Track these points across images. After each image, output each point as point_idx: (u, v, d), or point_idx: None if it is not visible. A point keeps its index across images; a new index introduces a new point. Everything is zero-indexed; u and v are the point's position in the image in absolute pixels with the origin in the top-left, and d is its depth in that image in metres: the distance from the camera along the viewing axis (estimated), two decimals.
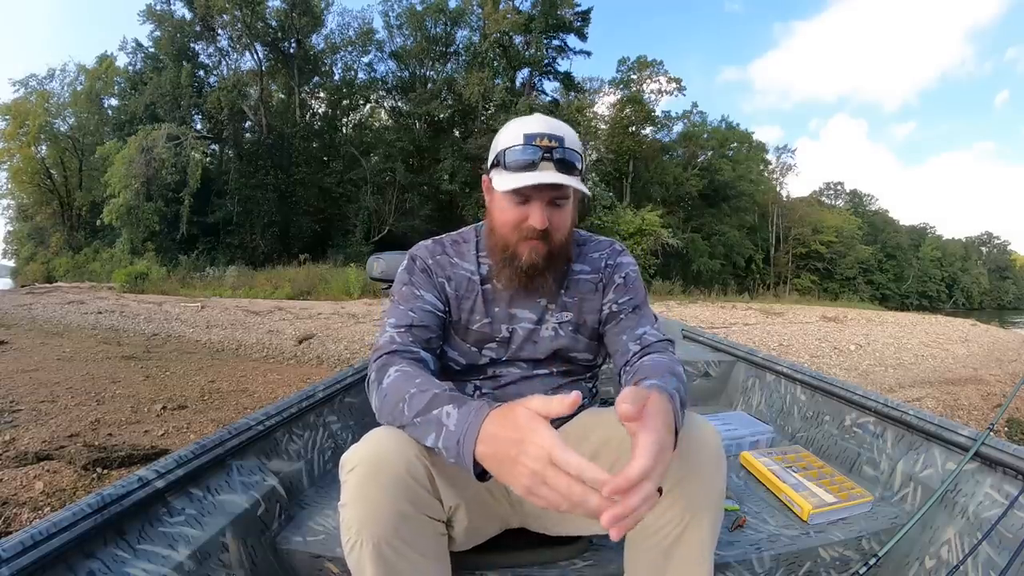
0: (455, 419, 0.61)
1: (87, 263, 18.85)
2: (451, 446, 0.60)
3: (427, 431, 0.64)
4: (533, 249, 0.85)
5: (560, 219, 0.86)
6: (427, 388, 0.69)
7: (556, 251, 0.87)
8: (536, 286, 0.89)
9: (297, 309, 9.09)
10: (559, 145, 0.81)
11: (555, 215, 0.84)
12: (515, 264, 0.86)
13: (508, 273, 0.88)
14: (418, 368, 0.78)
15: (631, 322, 0.90)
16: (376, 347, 0.84)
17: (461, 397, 0.66)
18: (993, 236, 51.15)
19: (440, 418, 0.63)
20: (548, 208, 0.83)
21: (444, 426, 0.62)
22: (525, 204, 0.83)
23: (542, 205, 0.82)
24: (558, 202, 0.84)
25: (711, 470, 0.72)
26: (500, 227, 0.87)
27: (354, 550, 0.67)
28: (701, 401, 1.92)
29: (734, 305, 14.16)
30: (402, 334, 0.84)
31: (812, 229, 29.89)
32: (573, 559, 0.95)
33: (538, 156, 0.80)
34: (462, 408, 0.62)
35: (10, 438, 2.51)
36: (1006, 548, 0.87)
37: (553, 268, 0.89)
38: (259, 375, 4.34)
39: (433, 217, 19.35)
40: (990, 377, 5.14)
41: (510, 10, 20.92)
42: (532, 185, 0.79)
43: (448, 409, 0.63)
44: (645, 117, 25.15)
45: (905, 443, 1.20)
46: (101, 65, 21.58)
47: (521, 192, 0.81)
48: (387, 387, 0.74)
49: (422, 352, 0.84)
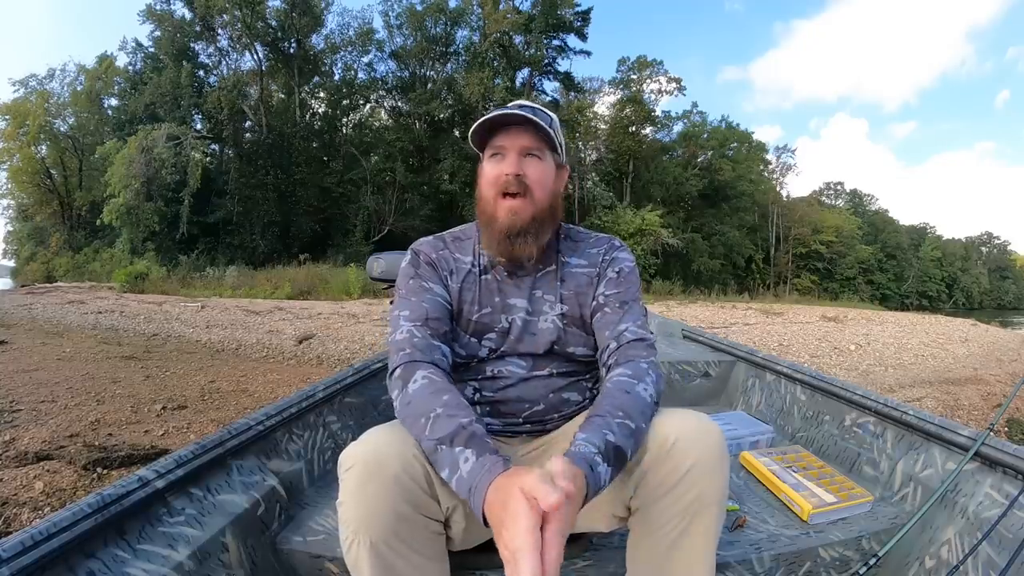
0: (470, 468, 0.63)
1: (87, 263, 18.86)
2: (463, 490, 0.63)
3: (443, 464, 0.67)
4: (511, 208, 0.87)
5: (537, 171, 0.88)
6: (453, 413, 0.70)
7: (539, 213, 0.88)
8: (520, 252, 0.89)
9: (297, 309, 9.09)
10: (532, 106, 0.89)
11: (530, 166, 0.87)
12: (496, 227, 0.88)
13: (489, 238, 0.90)
14: (444, 377, 0.79)
15: (615, 316, 0.89)
16: (396, 341, 0.83)
17: (480, 439, 0.67)
18: (993, 236, 51.23)
19: (458, 460, 0.65)
20: (523, 160, 0.87)
21: (459, 470, 0.64)
22: (500, 159, 0.88)
23: (515, 155, 0.87)
24: (532, 152, 0.87)
25: (713, 469, 0.72)
26: (483, 191, 0.90)
27: (352, 548, 0.67)
28: (701, 401, 1.92)
29: (734, 305, 14.17)
30: (420, 328, 0.84)
31: (812, 229, 29.88)
32: (573, 559, 0.95)
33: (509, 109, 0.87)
34: (479, 459, 0.64)
35: (10, 438, 2.51)
36: (1006, 548, 0.87)
37: (537, 233, 0.88)
38: (259, 375, 4.34)
39: (433, 217, 19.35)
40: (990, 377, 5.14)
41: (510, 10, 20.93)
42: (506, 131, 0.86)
43: (467, 454, 0.65)
44: (645, 117, 25.16)
45: (905, 443, 1.20)
46: (101, 65, 21.60)
47: (496, 144, 0.87)
48: (412, 394, 0.75)
49: (443, 346, 0.85)
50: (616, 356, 0.85)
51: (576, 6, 21.67)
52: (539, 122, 0.85)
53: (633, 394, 0.76)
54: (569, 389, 0.93)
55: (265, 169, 18.51)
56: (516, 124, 0.87)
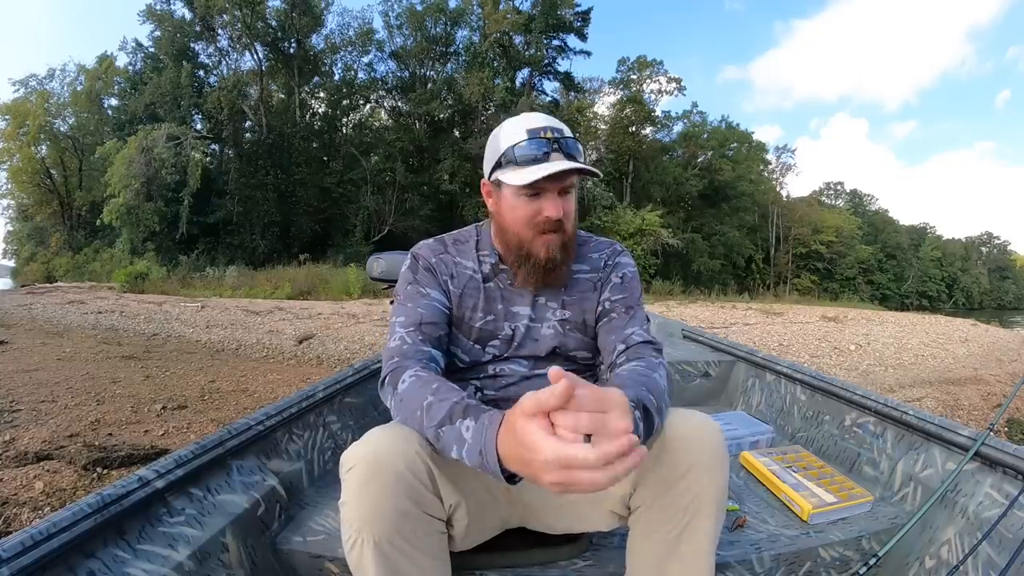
0: (472, 433, 0.63)
1: (87, 263, 18.88)
2: (474, 456, 0.62)
3: (450, 445, 0.66)
4: (550, 243, 0.86)
5: (570, 208, 0.87)
6: (444, 397, 0.69)
7: (569, 241, 0.89)
8: (555, 282, 0.91)
9: (297, 309, 9.09)
10: (562, 135, 0.83)
11: (566, 204, 0.86)
12: (533, 261, 0.87)
13: (525, 271, 0.89)
14: (431, 372, 0.79)
15: (621, 321, 0.90)
16: (388, 349, 0.84)
17: (475, 406, 0.66)
18: (993, 236, 51.14)
19: (461, 432, 0.64)
20: (559, 198, 0.84)
21: (465, 440, 0.63)
22: (537, 197, 0.84)
23: (555, 196, 0.84)
24: (567, 191, 0.86)
25: (713, 468, 0.72)
26: (513, 225, 0.87)
27: (355, 548, 0.67)
28: (701, 401, 1.92)
29: (734, 305, 14.17)
30: (412, 334, 0.85)
31: (812, 229, 29.87)
32: (573, 559, 0.95)
33: (548, 147, 0.82)
34: (478, 420, 0.63)
35: (10, 438, 2.51)
36: (1006, 548, 0.87)
37: (567, 259, 0.90)
38: (259, 375, 4.34)
39: (433, 217, 19.36)
40: (990, 377, 5.14)
41: (510, 10, 20.93)
42: (546, 176, 0.79)
43: (467, 423, 0.64)
44: (645, 117, 25.15)
45: (905, 443, 1.20)
46: (101, 65, 21.60)
47: (535, 185, 0.82)
48: (403, 393, 0.75)
49: (432, 351, 0.85)
50: (626, 355, 0.85)
51: (576, 6, 21.68)
52: (583, 166, 0.82)
53: (651, 379, 0.76)
54: None
55: (265, 169, 18.51)
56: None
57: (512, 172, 0.83)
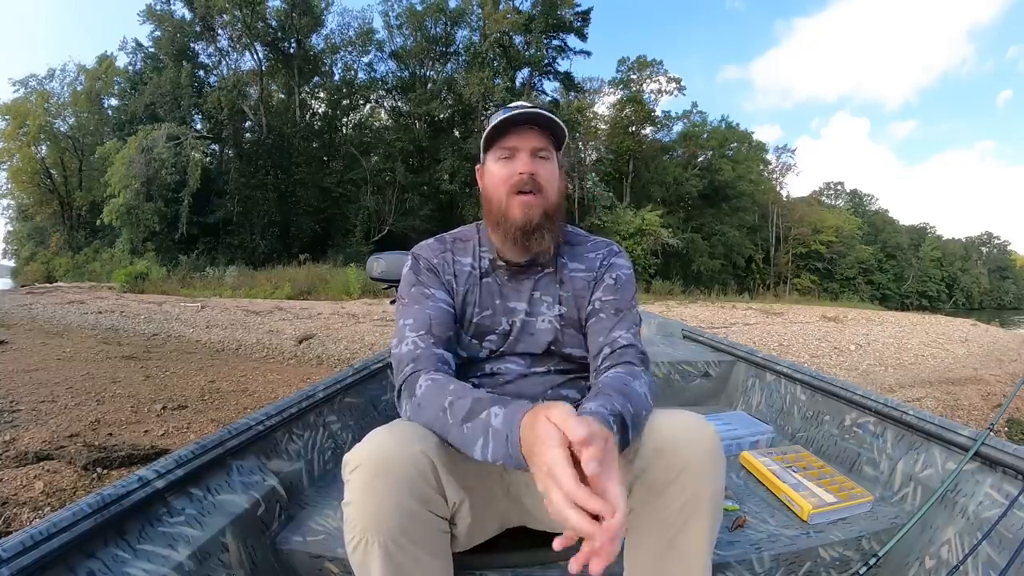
0: (500, 420, 0.65)
1: (87, 263, 18.88)
2: (500, 441, 0.64)
3: (476, 436, 0.67)
4: (525, 204, 0.87)
5: (547, 171, 0.90)
6: (465, 394, 0.72)
7: (551, 209, 0.90)
8: (536, 248, 0.90)
9: (297, 309, 9.09)
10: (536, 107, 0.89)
11: (541, 167, 0.89)
12: (510, 223, 0.88)
13: (502, 233, 0.90)
14: (446, 374, 0.80)
15: (609, 323, 0.90)
16: (400, 355, 0.85)
17: (503, 398, 0.70)
18: (993, 236, 51.13)
19: (488, 420, 0.67)
20: (533, 160, 0.88)
21: (491, 426, 0.66)
22: (511, 160, 0.89)
23: (527, 155, 0.88)
24: (541, 154, 0.89)
25: (709, 469, 0.72)
26: (493, 191, 0.91)
27: (358, 549, 0.67)
28: (701, 401, 1.92)
29: (734, 305, 14.17)
30: (423, 337, 0.85)
31: (812, 229, 29.88)
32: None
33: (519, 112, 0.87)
34: (507, 409, 0.66)
35: (10, 438, 2.51)
36: (1006, 548, 0.87)
37: (550, 229, 0.90)
38: (259, 375, 4.34)
39: (433, 217, 19.35)
40: (990, 377, 5.14)
41: (510, 10, 20.93)
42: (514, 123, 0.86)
43: (495, 410, 0.67)
44: (645, 117, 25.17)
45: (905, 443, 1.20)
46: (101, 65, 21.60)
47: (506, 145, 0.88)
48: (421, 396, 0.77)
49: (444, 352, 0.86)
50: (610, 360, 0.86)
51: (576, 6, 21.68)
52: (553, 118, 0.88)
53: (631, 388, 0.77)
54: (567, 386, 0.93)
55: (265, 169, 18.50)
56: (528, 123, 0.88)
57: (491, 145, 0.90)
